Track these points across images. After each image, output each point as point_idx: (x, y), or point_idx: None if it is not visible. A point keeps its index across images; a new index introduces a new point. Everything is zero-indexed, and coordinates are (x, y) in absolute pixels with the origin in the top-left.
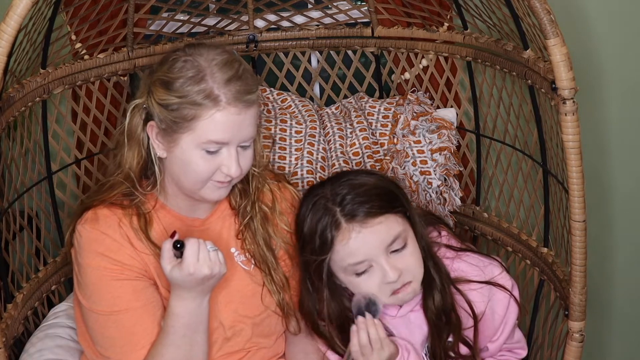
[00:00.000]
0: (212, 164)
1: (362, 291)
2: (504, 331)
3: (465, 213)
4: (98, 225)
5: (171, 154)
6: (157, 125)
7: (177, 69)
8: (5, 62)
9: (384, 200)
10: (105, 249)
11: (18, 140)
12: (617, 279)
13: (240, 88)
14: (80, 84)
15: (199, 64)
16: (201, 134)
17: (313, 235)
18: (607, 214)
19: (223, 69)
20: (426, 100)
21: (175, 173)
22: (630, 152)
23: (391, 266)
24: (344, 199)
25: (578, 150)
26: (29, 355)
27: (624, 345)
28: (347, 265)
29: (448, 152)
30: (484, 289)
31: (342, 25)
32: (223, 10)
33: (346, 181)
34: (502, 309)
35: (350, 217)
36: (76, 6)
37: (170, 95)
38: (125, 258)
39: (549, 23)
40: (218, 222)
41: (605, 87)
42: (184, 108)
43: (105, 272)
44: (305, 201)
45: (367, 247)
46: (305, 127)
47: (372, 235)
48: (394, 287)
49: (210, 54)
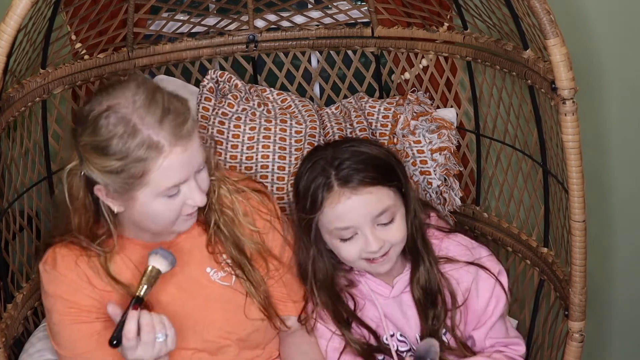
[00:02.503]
0: (177, 204)
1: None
2: (490, 318)
3: (465, 213)
4: (56, 266)
5: (131, 208)
6: (105, 189)
7: (104, 129)
8: (5, 62)
9: (381, 172)
10: (62, 292)
11: (18, 140)
12: (617, 279)
13: (176, 122)
14: (80, 84)
15: (123, 114)
16: (157, 185)
17: (306, 193)
18: (607, 214)
19: (150, 109)
20: (426, 100)
21: (140, 221)
22: (630, 152)
23: (374, 237)
24: (342, 163)
25: (578, 150)
26: (29, 355)
27: (624, 345)
28: (333, 229)
29: (448, 152)
30: (471, 268)
31: (342, 25)
32: (223, 10)
33: (349, 147)
34: (488, 292)
35: (344, 181)
36: (76, 6)
37: (111, 160)
38: (83, 299)
39: (548, 23)
40: (187, 241)
41: (605, 87)
42: (130, 168)
43: (64, 315)
44: (306, 159)
45: (354, 214)
46: (305, 127)
47: (360, 203)
48: (373, 257)
49: (128, 97)
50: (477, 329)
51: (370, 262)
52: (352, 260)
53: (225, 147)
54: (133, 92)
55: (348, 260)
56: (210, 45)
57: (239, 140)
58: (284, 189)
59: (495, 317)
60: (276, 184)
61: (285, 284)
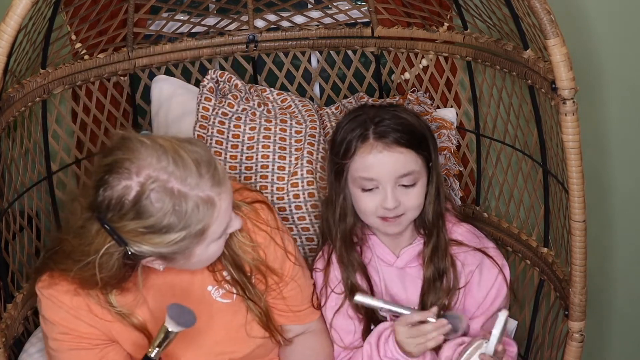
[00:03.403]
0: (224, 240)
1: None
2: (488, 308)
3: (465, 213)
4: (55, 292)
5: (180, 261)
6: (159, 258)
7: (152, 209)
8: (5, 62)
9: (415, 138)
10: (60, 319)
11: (18, 140)
12: (617, 279)
13: (209, 170)
14: (80, 84)
15: (162, 187)
16: (214, 234)
17: (342, 141)
18: (607, 214)
19: (184, 169)
20: (426, 100)
21: (185, 266)
22: (630, 152)
23: (393, 195)
24: (382, 121)
25: (578, 150)
26: (29, 355)
27: (624, 345)
28: (357, 177)
29: (448, 152)
30: (477, 254)
31: (342, 25)
32: (223, 10)
33: (391, 110)
34: (490, 281)
35: (379, 136)
36: (76, 6)
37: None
38: (82, 327)
39: (549, 23)
40: None
41: (605, 87)
42: (192, 232)
43: (62, 342)
44: (350, 113)
45: (380, 168)
46: (305, 127)
47: (389, 159)
48: (387, 214)
49: (153, 164)
50: (474, 317)
51: (383, 220)
52: (368, 213)
53: (225, 147)
54: (153, 157)
55: (364, 213)
56: (210, 45)
57: (239, 140)
58: (284, 189)
59: (494, 307)
60: (276, 184)
61: (285, 297)
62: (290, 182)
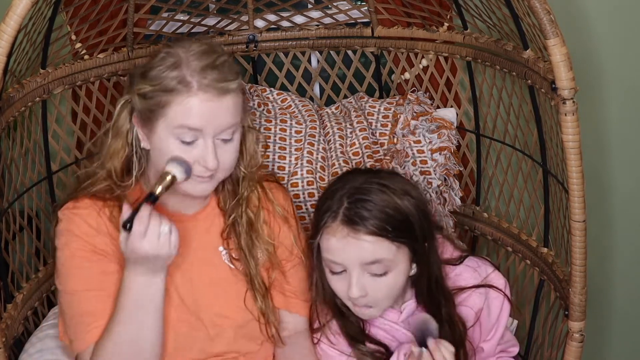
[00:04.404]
0: (189, 156)
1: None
2: (498, 330)
3: (465, 213)
4: (78, 211)
5: (152, 144)
6: (138, 116)
7: (158, 60)
8: (5, 62)
9: (393, 226)
10: (81, 232)
11: (18, 140)
12: (617, 279)
13: (215, 76)
14: (80, 84)
15: (177, 54)
16: (173, 119)
17: (317, 215)
18: (607, 214)
19: (200, 58)
20: (426, 100)
21: (158, 165)
22: (630, 152)
23: (359, 284)
24: (357, 202)
25: (578, 150)
26: (29, 356)
27: (624, 345)
28: (325, 257)
29: (448, 152)
30: (481, 290)
31: (342, 25)
32: (223, 10)
33: (378, 186)
34: (497, 308)
35: (347, 220)
36: (76, 6)
37: (146, 84)
38: (100, 244)
39: (548, 23)
40: (207, 220)
41: (605, 87)
42: (157, 95)
43: (78, 252)
44: (337, 179)
45: (345, 254)
46: (305, 127)
47: (353, 247)
48: (354, 302)
49: (192, 46)
50: (487, 340)
51: (353, 305)
52: (341, 296)
53: None
54: (198, 45)
55: (338, 294)
56: None
57: None
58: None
59: (502, 326)
60: None
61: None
62: (290, 182)
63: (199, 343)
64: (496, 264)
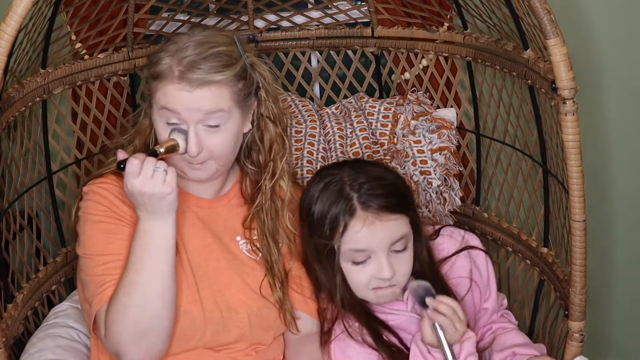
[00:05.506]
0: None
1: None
2: (491, 283)
3: (465, 213)
4: (104, 185)
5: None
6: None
7: (165, 45)
8: (5, 62)
9: (400, 198)
10: (108, 203)
11: (18, 140)
12: (617, 279)
13: (197, 66)
14: (80, 84)
15: (181, 40)
16: (156, 103)
17: (324, 219)
18: (607, 214)
19: (196, 48)
20: (426, 100)
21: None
22: (630, 152)
23: (389, 264)
24: (362, 186)
25: (578, 150)
26: (29, 355)
27: (624, 345)
28: (347, 250)
29: (448, 152)
30: (463, 253)
31: (342, 25)
32: (223, 10)
33: (362, 169)
34: (483, 263)
35: (367, 205)
36: (76, 6)
37: (147, 68)
38: (124, 214)
39: (549, 23)
40: (226, 208)
41: (605, 87)
42: (150, 81)
43: (104, 218)
44: (317, 181)
45: (373, 240)
46: (305, 127)
47: (383, 229)
48: (381, 284)
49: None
50: (487, 299)
51: (377, 290)
52: (360, 287)
53: None
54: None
55: (357, 287)
56: None
57: None
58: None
59: (493, 278)
60: None
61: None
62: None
63: (213, 326)
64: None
